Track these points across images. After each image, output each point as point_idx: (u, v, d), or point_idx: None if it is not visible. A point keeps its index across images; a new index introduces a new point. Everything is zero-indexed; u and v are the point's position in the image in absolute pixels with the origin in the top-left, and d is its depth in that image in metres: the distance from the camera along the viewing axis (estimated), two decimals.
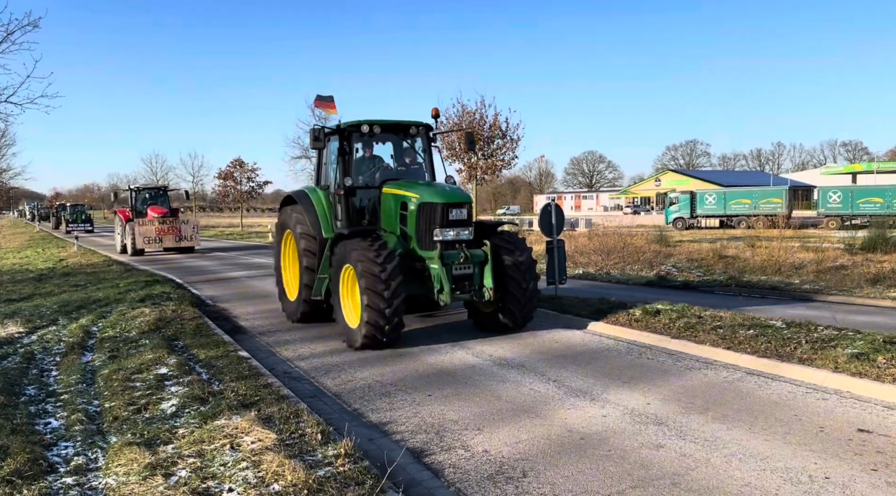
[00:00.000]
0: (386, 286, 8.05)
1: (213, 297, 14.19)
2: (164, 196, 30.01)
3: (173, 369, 7.26)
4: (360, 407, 6.43)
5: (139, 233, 26.08)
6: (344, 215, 9.63)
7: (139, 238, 26.08)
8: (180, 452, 4.87)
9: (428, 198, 8.79)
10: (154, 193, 29.91)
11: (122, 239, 27.97)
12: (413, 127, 10.03)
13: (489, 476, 4.75)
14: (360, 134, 9.61)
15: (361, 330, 8.35)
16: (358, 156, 10.09)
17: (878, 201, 40.74)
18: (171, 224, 27.00)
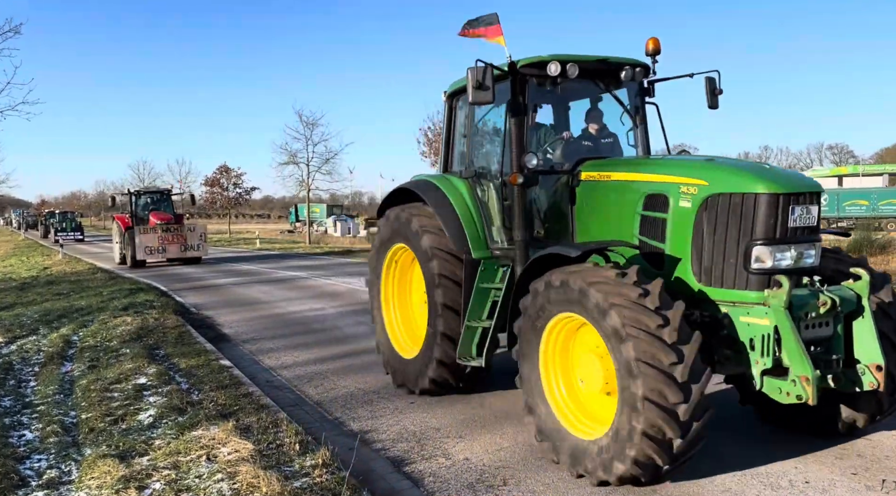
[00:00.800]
0: (678, 358, 4.09)
1: (198, 305, 14.08)
2: (167, 200, 27.01)
3: (153, 379, 7.18)
4: (341, 415, 6.37)
5: (140, 242, 23.12)
6: (521, 220, 5.79)
7: (140, 248, 23.06)
8: (155, 464, 4.79)
9: (735, 185, 4.68)
10: (156, 198, 26.98)
11: (122, 249, 25.28)
12: (628, 67, 6.10)
13: (469, 484, 4.71)
14: (545, 82, 5.87)
15: (626, 449, 4.18)
16: None
17: (863, 204, 41.19)
18: (175, 232, 23.96)
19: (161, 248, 23.48)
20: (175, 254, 23.91)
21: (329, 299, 14.44)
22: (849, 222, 38.79)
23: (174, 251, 23.77)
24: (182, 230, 24.38)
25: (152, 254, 23.35)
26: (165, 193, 27.73)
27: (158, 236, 23.45)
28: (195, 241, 24.35)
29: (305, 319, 11.92)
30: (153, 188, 29.17)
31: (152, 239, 23.33)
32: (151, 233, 23.55)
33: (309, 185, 41.06)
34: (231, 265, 25.34)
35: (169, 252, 23.67)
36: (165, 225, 24.26)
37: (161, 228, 23.80)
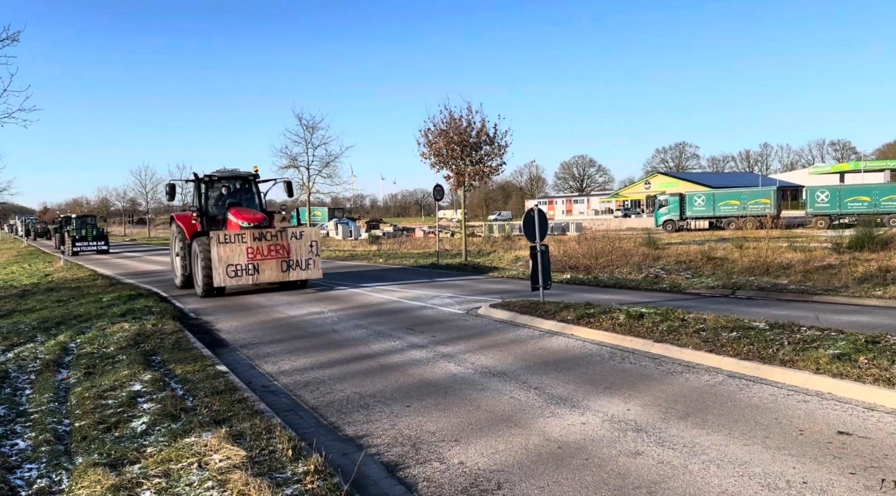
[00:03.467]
0: None
1: (197, 310, 14.05)
2: (250, 191, 18.10)
3: (147, 385, 7.14)
4: (336, 420, 6.32)
5: (220, 257, 15.07)
6: None
7: (220, 266, 15.09)
8: (146, 472, 4.75)
9: None
10: (236, 186, 17.99)
11: (185, 266, 17.48)
12: None
13: (463, 489, 4.65)
14: None
15: None
16: None
17: (865, 200, 40.99)
18: (274, 241, 15.60)
19: (251, 267, 15.27)
20: (274, 277, 15.58)
21: (328, 303, 14.41)
22: (850, 219, 38.61)
23: (272, 271, 15.52)
24: (284, 238, 15.68)
25: (238, 275, 15.15)
26: (250, 180, 18.06)
27: (248, 248, 15.23)
28: (304, 254, 15.81)
29: (304, 324, 11.88)
30: (229, 172, 17.96)
31: (238, 252, 15.15)
32: (237, 242, 15.22)
33: (310, 188, 41.08)
34: None
35: (264, 273, 15.43)
36: (256, 227, 16.00)
37: (252, 235, 15.37)
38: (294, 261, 15.84)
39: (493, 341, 9.58)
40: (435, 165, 30.05)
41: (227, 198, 17.91)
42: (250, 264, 15.36)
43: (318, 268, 16.23)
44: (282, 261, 15.72)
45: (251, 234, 15.45)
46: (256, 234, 15.49)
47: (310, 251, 15.99)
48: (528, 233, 11.98)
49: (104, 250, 43.61)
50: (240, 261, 15.28)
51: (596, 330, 9.57)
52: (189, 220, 17.53)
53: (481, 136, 29.52)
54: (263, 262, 15.50)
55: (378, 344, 9.76)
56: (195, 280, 16.58)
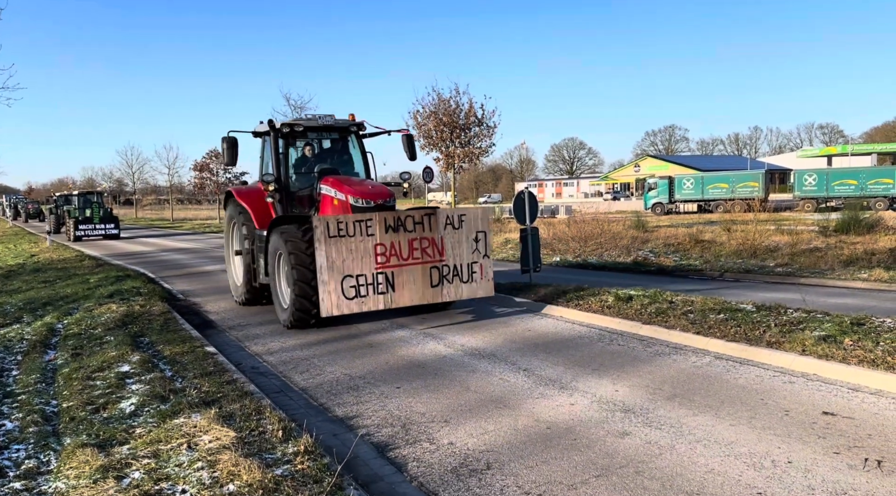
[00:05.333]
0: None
1: (186, 292, 13.98)
2: (349, 151, 11.39)
3: (136, 367, 7.11)
4: (326, 401, 6.33)
5: (331, 261, 8.48)
6: None
7: (333, 279, 8.50)
8: (135, 453, 4.74)
9: None
10: (328, 146, 11.34)
11: (254, 272, 10.97)
12: None
13: (453, 469, 4.68)
14: None
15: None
16: None
17: (852, 183, 41.25)
18: (418, 233, 9.07)
19: (383, 279, 8.82)
20: (418, 297, 9.11)
21: None
22: (838, 202, 38.91)
23: (415, 287, 9.06)
24: (434, 226, 9.23)
25: (362, 293, 8.69)
26: (352, 133, 11.21)
27: (377, 245, 8.79)
28: (465, 255, 9.43)
29: None
30: (322, 120, 10.93)
31: (361, 253, 8.69)
32: (359, 234, 8.69)
33: None
34: (220, 252, 25.15)
35: (402, 290, 8.96)
36: (387, 211, 9.44)
37: (383, 222, 8.87)
38: (451, 266, 9.17)
39: (482, 323, 9.60)
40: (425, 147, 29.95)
41: (314, 162, 10.77)
42: (380, 273, 8.63)
43: (488, 278, 9.48)
44: (431, 266, 9.03)
45: (380, 220, 8.68)
46: (390, 220, 8.75)
47: (474, 249, 9.36)
48: (518, 215, 11.98)
49: (114, 235, 35.57)
50: (364, 269, 8.54)
51: (585, 312, 9.61)
52: (259, 198, 10.80)
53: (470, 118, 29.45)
54: (402, 271, 8.79)
55: (365, 324, 9.76)
56: (278, 299, 9.67)
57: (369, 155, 11.32)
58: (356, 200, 9.62)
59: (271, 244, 9.68)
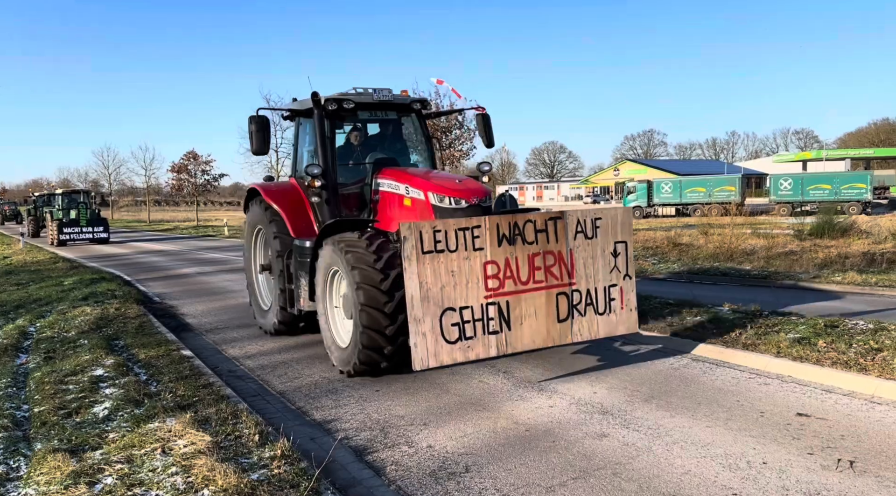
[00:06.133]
0: (384, 275, 6.60)
1: (162, 295, 13.80)
2: (402, 136, 8.80)
3: (110, 370, 7.00)
4: (304, 405, 6.28)
5: (425, 287, 5.74)
6: None
7: (429, 313, 5.75)
8: (108, 458, 4.66)
9: None
10: (383, 131, 8.70)
11: (292, 293, 8.20)
12: None
13: (431, 472, 4.67)
14: None
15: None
16: None
17: (826, 188, 41.95)
18: (541, 245, 6.28)
19: (496, 312, 6.04)
20: (541, 337, 6.32)
21: None
22: (812, 206, 39.55)
23: (537, 321, 6.27)
24: (560, 236, 6.38)
25: (468, 335, 5.92)
26: (415, 112, 8.60)
27: (486, 263, 6.02)
28: (600, 277, 6.64)
29: None
30: (379, 96, 8.09)
31: (466, 274, 5.91)
32: (463, 248, 5.89)
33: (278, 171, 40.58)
34: (198, 254, 24.92)
35: (520, 325, 6.18)
36: (504, 215, 6.38)
37: (495, 229, 6.07)
38: (583, 292, 6.60)
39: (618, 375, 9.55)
40: None
41: (361, 151, 8.33)
42: (492, 304, 6.12)
43: (630, 308, 6.87)
44: (558, 293, 6.48)
45: (492, 227, 6.14)
46: (505, 226, 6.20)
47: (612, 267, 6.76)
48: None
49: (103, 238, 32.69)
50: (470, 298, 6.03)
51: None
52: (295, 198, 8.49)
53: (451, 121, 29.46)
54: (520, 300, 6.26)
55: None
56: (331, 334, 7.22)
57: (434, 141, 8.90)
58: (440, 199, 6.93)
59: (323, 258, 7.11)
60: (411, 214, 7.20)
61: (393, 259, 6.41)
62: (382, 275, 6.41)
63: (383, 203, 7.72)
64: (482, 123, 8.64)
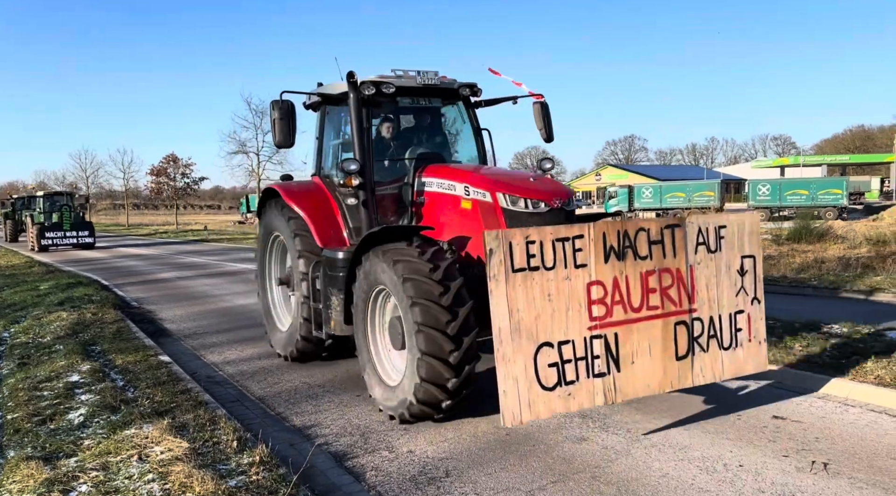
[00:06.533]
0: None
1: (140, 299, 13.64)
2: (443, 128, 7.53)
3: (86, 376, 6.90)
4: (283, 411, 6.24)
5: (517, 317, 4.52)
6: None
7: (522, 350, 4.53)
8: (83, 466, 4.59)
9: None
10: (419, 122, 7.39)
11: (320, 314, 6.84)
12: None
13: (411, 477, 4.66)
14: None
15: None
16: None
17: (803, 193, 42.62)
18: (656, 261, 5.06)
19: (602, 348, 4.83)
20: (657, 379, 5.08)
21: None
22: (790, 211, 40.14)
23: (652, 361, 5.05)
24: (679, 250, 5.20)
25: (569, 378, 4.70)
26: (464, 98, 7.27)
27: (589, 284, 4.80)
28: (725, 303, 5.42)
29: (252, 313, 11.61)
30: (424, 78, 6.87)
31: (564, 299, 4.71)
32: (562, 265, 4.69)
33: (259, 175, 40.35)
34: (177, 258, 24.67)
35: (631, 366, 4.95)
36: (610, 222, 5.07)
37: (607, 243, 4.86)
38: (705, 321, 5.37)
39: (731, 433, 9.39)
40: None
41: (396, 144, 7.17)
42: (597, 338, 4.86)
43: (759, 339, 5.67)
44: (676, 322, 5.21)
45: (597, 236, 4.88)
46: (612, 236, 4.95)
47: (739, 288, 5.56)
48: None
49: (88, 244, 30.73)
50: (570, 330, 4.76)
51: None
52: (321, 201, 7.34)
53: None
54: (631, 331, 5.00)
55: None
56: (373, 365, 6.04)
57: (486, 133, 7.47)
58: (513, 201, 5.77)
59: (363, 274, 5.85)
60: (471, 220, 5.99)
61: (452, 269, 5.31)
62: (442, 288, 5.17)
63: (431, 206, 6.49)
64: (541, 113, 7.33)
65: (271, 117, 6.68)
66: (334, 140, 7.57)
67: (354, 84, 6.63)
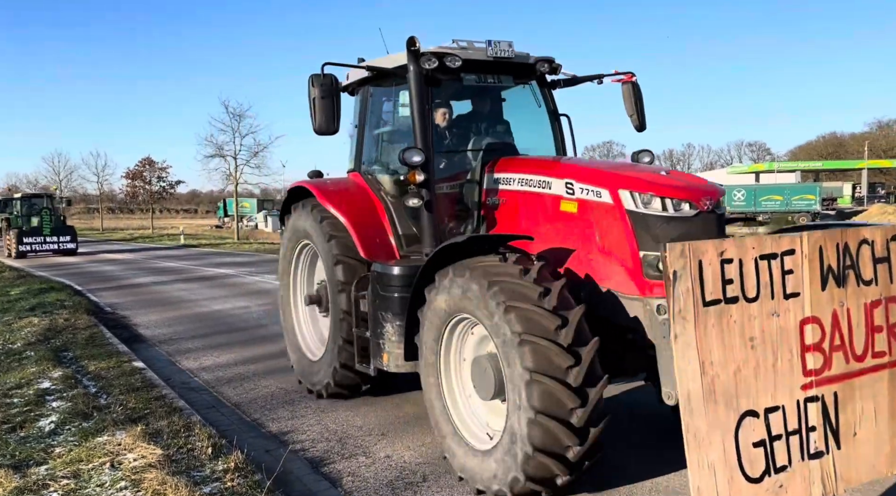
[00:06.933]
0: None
1: (114, 305, 13.45)
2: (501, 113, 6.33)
3: (57, 383, 6.79)
4: (260, 417, 6.18)
5: (709, 360, 3.03)
6: None
7: (717, 427, 3.01)
8: (54, 474, 4.52)
9: None
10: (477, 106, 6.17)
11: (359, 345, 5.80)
12: None
13: (388, 482, 4.64)
14: None
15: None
16: None
17: (778, 199, 43.42)
18: (880, 287, 3.59)
19: (819, 420, 3.35)
20: (891, 457, 3.59)
21: (255, 297, 14.05)
22: (764, 216, 40.83)
23: (881, 431, 3.56)
24: None
25: (780, 463, 3.20)
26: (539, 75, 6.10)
27: (805, 324, 3.33)
28: None
29: (228, 318, 11.55)
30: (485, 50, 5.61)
31: (773, 342, 3.22)
32: (771, 300, 3.22)
33: (237, 178, 40.03)
34: (153, 262, 24.39)
35: (862, 434, 3.49)
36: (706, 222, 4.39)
37: (824, 264, 3.40)
38: None
39: None
40: None
41: (454, 133, 6.05)
42: (812, 401, 3.34)
43: None
44: None
45: (811, 251, 3.36)
46: (831, 253, 3.43)
47: None
48: None
49: (70, 249, 28.67)
50: (780, 389, 3.23)
51: None
52: (363, 202, 6.13)
53: None
54: (853, 388, 3.49)
55: None
56: (450, 430, 4.62)
57: (565, 120, 6.31)
58: (645, 201, 4.42)
59: (438, 296, 4.51)
60: (577, 228, 4.69)
61: (567, 293, 4.05)
62: (559, 320, 3.85)
63: (510, 209, 5.27)
64: (631, 96, 6.09)
65: (310, 96, 5.28)
66: (379, 128, 6.48)
67: (416, 54, 5.23)
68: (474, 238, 4.56)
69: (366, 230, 5.84)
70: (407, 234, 5.81)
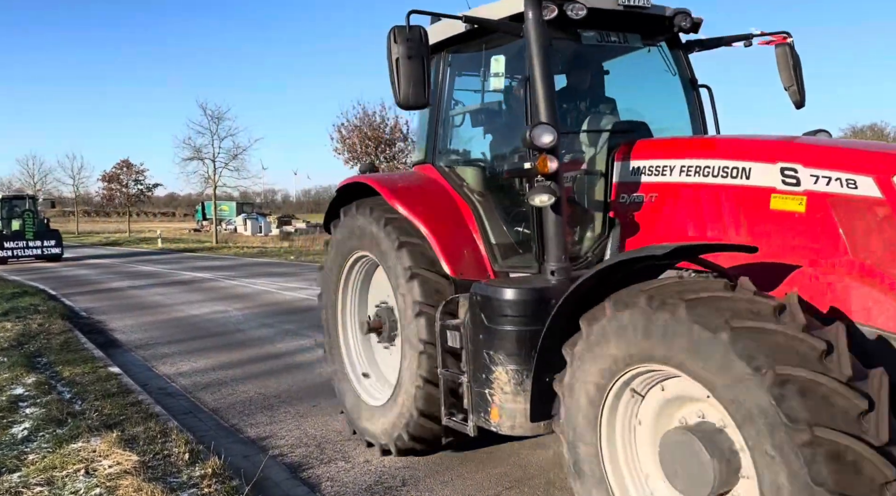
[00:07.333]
0: None
1: (89, 309, 13.27)
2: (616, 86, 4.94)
3: (31, 389, 6.69)
4: (238, 422, 6.14)
5: None
6: None
7: None
8: (27, 481, 4.45)
9: None
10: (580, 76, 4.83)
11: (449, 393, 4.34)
12: None
13: (367, 487, 4.64)
14: None
15: None
16: None
17: None
18: None
19: None
20: None
21: (234, 301, 13.94)
22: None
23: None
24: None
25: None
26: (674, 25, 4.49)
27: None
28: None
29: (206, 323, 11.45)
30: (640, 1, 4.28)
31: None
32: None
33: (215, 181, 39.70)
34: (129, 267, 24.07)
35: None
36: None
37: None
38: None
39: None
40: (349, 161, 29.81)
41: (571, 110, 4.73)
42: None
43: None
44: None
45: None
46: None
47: None
48: None
49: (55, 255, 27.32)
50: None
51: None
52: (442, 200, 4.78)
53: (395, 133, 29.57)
54: None
55: (284, 343, 9.54)
56: None
57: (705, 91, 4.92)
58: None
59: (611, 347, 2.99)
60: (802, 233, 3.27)
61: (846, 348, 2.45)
62: (865, 400, 2.32)
63: (667, 209, 3.90)
64: (788, 61, 4.75)
65: (392, 57, 3.79)
66: (463, 105, 5.09)
67: None
68: (683, 248, 3.08)
69: (450, 238, 4.55)
70: (501, 242, 4.56)
